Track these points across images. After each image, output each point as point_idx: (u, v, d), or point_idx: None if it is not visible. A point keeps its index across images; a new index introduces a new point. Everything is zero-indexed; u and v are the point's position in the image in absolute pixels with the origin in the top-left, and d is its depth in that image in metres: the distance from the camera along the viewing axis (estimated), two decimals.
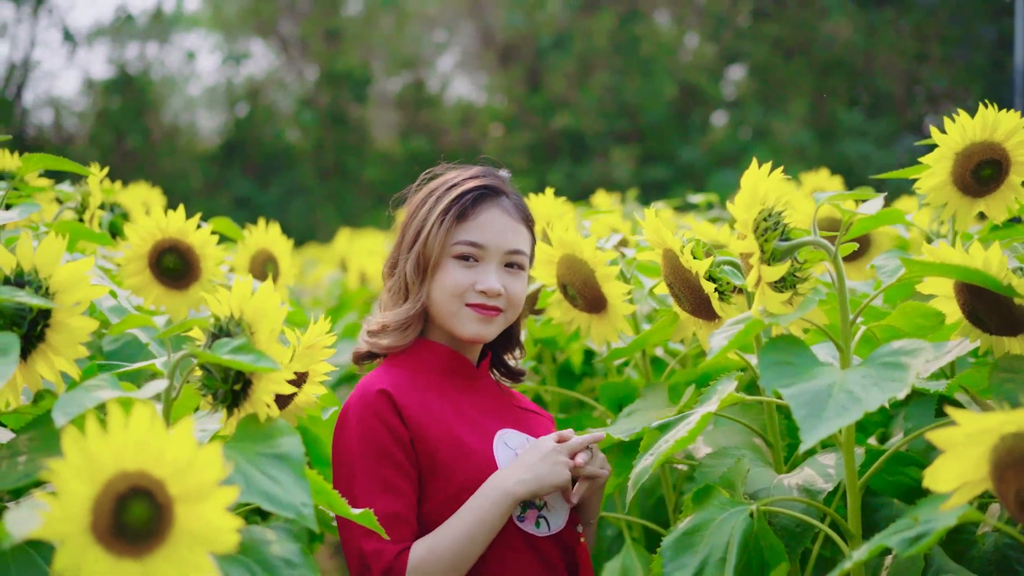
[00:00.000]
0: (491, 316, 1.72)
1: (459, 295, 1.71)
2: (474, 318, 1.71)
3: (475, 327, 1.72)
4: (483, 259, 1.72)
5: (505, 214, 1.75)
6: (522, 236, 1.76)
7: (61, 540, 0.93)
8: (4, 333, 1.24)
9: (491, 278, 1.71)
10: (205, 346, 1.33)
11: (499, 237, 1.73)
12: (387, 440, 1.64)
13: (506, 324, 1.76)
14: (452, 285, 1.71)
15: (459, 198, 1.73)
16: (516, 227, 1.75)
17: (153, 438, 0.97)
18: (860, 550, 1.18)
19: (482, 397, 1.77)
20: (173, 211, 2.02)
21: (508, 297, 1.73)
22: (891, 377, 1.28)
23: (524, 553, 1.65)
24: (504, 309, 1.73)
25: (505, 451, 1.70)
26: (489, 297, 1.71)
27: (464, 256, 1.72)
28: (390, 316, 1.75)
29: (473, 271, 1.72)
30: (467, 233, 1.72)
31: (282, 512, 1.21)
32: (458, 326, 1.72)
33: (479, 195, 1.74)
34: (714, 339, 1.37)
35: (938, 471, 1.10)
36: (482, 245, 1.72)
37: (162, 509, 0.98)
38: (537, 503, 1.67)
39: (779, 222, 1.42)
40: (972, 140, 1.68)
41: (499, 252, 1.73)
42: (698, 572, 1.37)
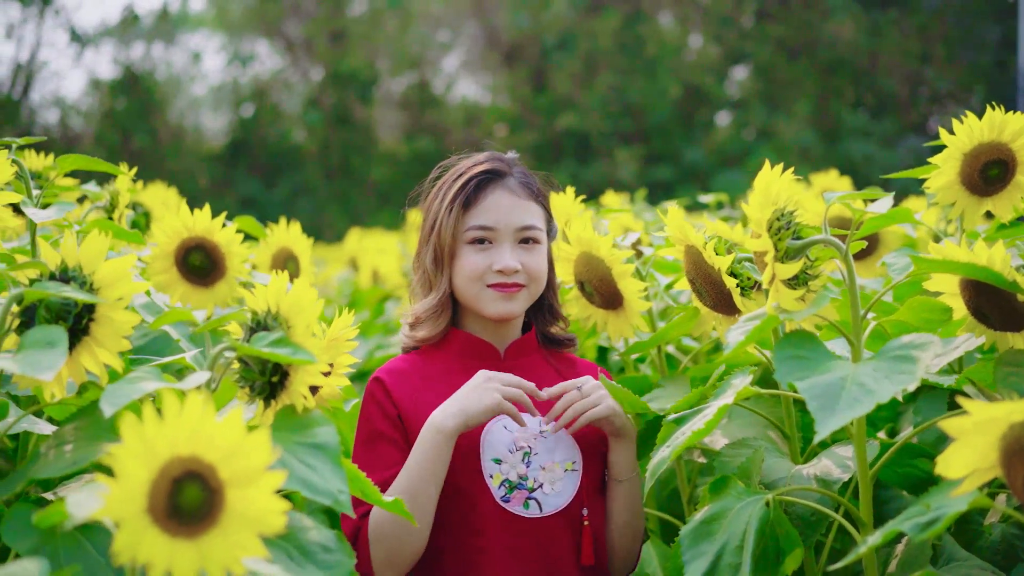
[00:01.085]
0: (512, 292, 1.79)
1: (478, 278, 1.78)
2: (496, 297, 1.78)
3: (499, 306, 1.79)
4: (496, 240, 1.79)
5: (511, 194, 1.81)
6: (532, 212, 1.82)
7: (120, 521, 0.98)
8: (52, 327, 1.29)
9: (505, 257, 1.77)
10: (243, 340, 1.38)
11: (507, 216, 1.79)
12: (379, 419, 1.77)
13: (531, 298, 1.82)
14: (470, 270, 1.78)
15: (464, 186, 1.81)
16: (524, 204, 1.81)
17: (205, 425, 1.02)
18: (874, 535, 1.23)
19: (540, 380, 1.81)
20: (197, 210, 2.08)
21: (527, 272, 1.79)
22: (901, 370, 1.33)
23: (505, 536, 1.70)
24: (526, 284, 1.80)
25: (502, 435, 1.75)
26: (507, 275, 1.77)
27: (477, 240, 1.79)
28: (419, 307, 1.85)
29: (488, 253, 1.79)
30: (476, 218, 1.79)
31: (319, 499, 1.26)
32: (483, 307, 1.80)
33: (482, 180, 1.81)
34: (731, 335, 1.43)
35: (950, 459, 1.15)
36: (492, 227, 1.79)
37: (214, 492, 1.03)
38: (529, 484, 1.72)
39: (791, 221, 1.47)
40: (979, 141, 1.73)
41: (510, 230, 1.79)
42: (716, 559, 1.42)
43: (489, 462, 1.73)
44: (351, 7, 18.28)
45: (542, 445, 1.75)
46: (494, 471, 1.73)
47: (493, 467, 1.73)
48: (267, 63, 18.79)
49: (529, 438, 1.76)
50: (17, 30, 16.65)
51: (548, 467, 1.74)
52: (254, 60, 18.41)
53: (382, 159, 16.72)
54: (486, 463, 1.73)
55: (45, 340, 1.28)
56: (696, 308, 1.86)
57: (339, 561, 1.28)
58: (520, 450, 1.75)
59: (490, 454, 1.73)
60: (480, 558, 1.71)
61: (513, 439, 1.75)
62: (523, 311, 1.83)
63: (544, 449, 1.75)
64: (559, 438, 1.76)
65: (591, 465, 1.78)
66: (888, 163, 14.20)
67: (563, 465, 1.75)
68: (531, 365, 1.86)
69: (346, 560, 1.28)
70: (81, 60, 20.67)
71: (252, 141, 16.80)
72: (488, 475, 1.72)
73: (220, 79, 19.34)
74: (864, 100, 15.97)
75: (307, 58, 18.13)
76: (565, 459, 1.76)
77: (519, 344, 1.86)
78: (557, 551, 1.73)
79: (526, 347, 1.87)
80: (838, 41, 15.78)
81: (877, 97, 15.85)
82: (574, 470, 1.75)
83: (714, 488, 1.49)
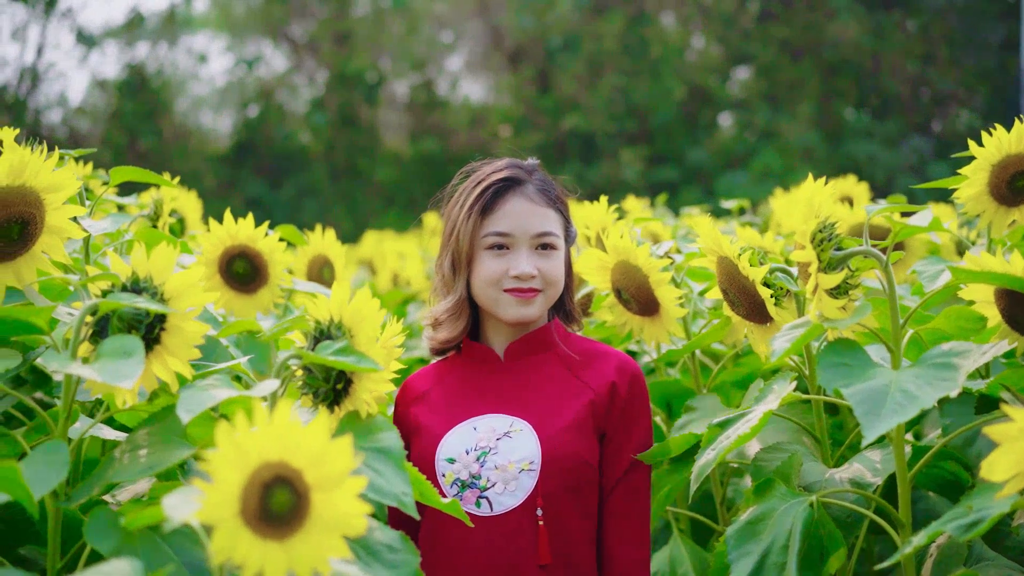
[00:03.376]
0: (529, 298, 1.83)
1: (495, 283, 1.83)
2: (513, 302, 1.83)
3: (516, 310, 1.83)
4: (513, 246, 1.84)
5: (528, 201, 1.85)
6: (549, 218, 1.86)
7: (215, 524, 1.04)
8: (128, 336, 1.35)
9: (522, 263, 1.82)
10: (307, 348, 1.43)
11: (524, 223, 1.84)
12: (396, 423, 1.90)
13: (548, 302, 1.86)
14: (487, 275, 1.84)
15: (482, 193, 1.86)
16: (541, 211, 1.85)
17: (292, 432, 1.07)
18: (919, 536, 1.29)
19: (509, 380, 1.86)
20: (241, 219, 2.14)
21: (543, 277, 1.84)
22: (943, 377, 1.39)
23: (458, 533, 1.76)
24: (542, 289, 1.84)
25: (468, 435, 1.80)
26: (523, 280, 1.82)
27: (495, 246, 1.84)
28: (437, 309, 1.91)
29: (505, 259, 1.83)
30: (493, 225, 1.84)
31: (386, 501, 1.32)
32: (500, 312, 1.85)
33: (500, 187, 1.86)
34: (776, 342, 1.48)
35: (994, 463, 1.20)
36: (509, 233, 1.83)
37: (300, 497, 1.08)
38: (481, 483, 1.76)
39: (833, 234, 1.52)
40: (1008, 153, 1.78)
41: (526, 237, 1.83)
42: (762, 559, 1.47)
43: (443, 462, 1.80)
44: (355, 8, 18.32)
45: (505, 445, 1.78)
46: (447, 470, 1.79)
47: (446, 466, 1.79)
48: (272, 64, 18.84)
49: (492, 438, 1.79)
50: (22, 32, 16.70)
51: (502, 467, 1.76)
52: (259, 62, 18.46)
53: (387, 160, 16.76)
54: (439, 463, 1.80)
55: (122, 350, 1.33)
56: (728, 317, 1.92)
57: (405, 560, 1.33)
58: (479, 449, 1.78)
59: (445, 454, 1.80)
60: (441, 554, 1.78)
61: (477, 439, 1.80)
62: (540, 315, 1.86)
63: (506, 449, 1.78)
64: (524, 439, 1.78)
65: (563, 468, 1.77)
66: (891, 163, 14.25)
67: (519, 465, 1.76)
68: (537, 364, 1.88)
69: (412, 559, 1.34)
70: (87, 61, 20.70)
71: (258, 142, 16.85)
72: (440, 474, 1.79)
73: (225, 80, 19.39)
74: (867, 101, 16.01)
75: (312, 59, 18.18)
76: (523, 459, 1.76)
77: (520, 344, 1.89)
78: (513, 549, 1.75)
79: (531, 346, 1.89)
80: (841, 42, 15.82)
81: (880, 98, 15.89)
82: (530, 470, 1.76)
83: (758, 490, 1.54)
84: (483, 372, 1.89)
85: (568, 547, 1.78)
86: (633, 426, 1.84)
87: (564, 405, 1.83)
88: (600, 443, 1.83)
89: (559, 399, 1.83)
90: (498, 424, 1.81)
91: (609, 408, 1.83)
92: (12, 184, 1.51)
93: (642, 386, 1.87)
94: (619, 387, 1.83)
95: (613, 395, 1.83)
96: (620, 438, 1.83)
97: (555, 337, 1.89)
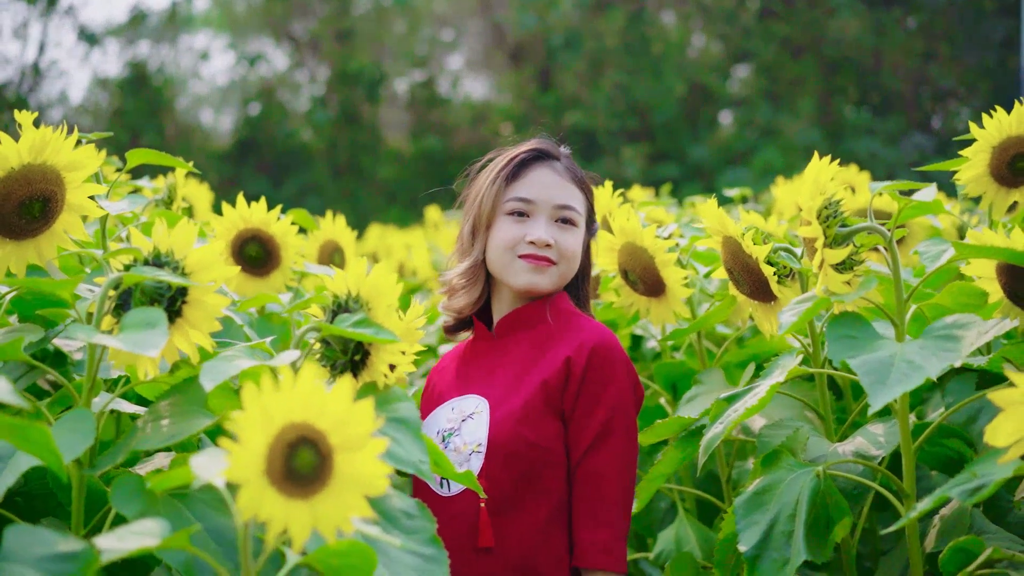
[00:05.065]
0: (543, 266, 1.80)
1: (511, 248, 1.82)
2: (526, 268, 1.81)
3: (526, 277, 1.81)
4: (533, 213, 1.83)
5: (555, 173, 1.86)
6: (573, 194, 1.85)
7: (242, 483, 1.07)
8: (151, 308, 1.38)
9: (539, 229, 1.81)
10: (325, 321, 1.47)
11: (547, 192, 1.83)
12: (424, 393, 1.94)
13: (561, 278, 1.83)
14: (504, 239, 1.82)
15: (511, 162, 1.87)
16: (567, 185, 1.85)
17: (317, 395, 1.10)
18: (924, 501, 1.32)
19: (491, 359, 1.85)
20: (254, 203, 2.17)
21: (559, 250, 1.81)
22: (946, 348, 1.42)
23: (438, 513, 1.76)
24: (556, 261, 1.81)
25: (441, 416, 1.82)
26: (538, 247, 1.80)
27: (517, 212, 1.83)
28: (452, 273, 1.90)
29: (524, 225, 1.83)
30: (517, 191, 1.84)
31: (404, 468, 1.35)
32: (511, 277, 1.83)
33: (528, 157, 1.87)
34: (783, 316, 1.51)
35: (997, 428, 1.23)
36: (531, 200, 1.83)
37: (324, 457, 1.11)
38: None
39: (839, 210, 1.56)
40: (1008, 134, 1.82)
41: (548, 206, 1.83)
42: (769, 528, 1.50)
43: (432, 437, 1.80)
44: (357, 6, 18.35)
45: (466, 426, 1.77)
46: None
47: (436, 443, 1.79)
48: (274, 62, 18.87)
49: (458, 419, 1.79)
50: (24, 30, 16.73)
51: (458, 449, 1.76)
52: (261, 60, 18.48)
53: (389, 158, 16.80)
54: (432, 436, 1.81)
55: (145, 321, 1.36)
56: (733, 296, 1.95)
57: (422, 527, 1.36)
58: (447, 431, 1.79)
59: (427, 433, 1.79)
60: None
61: (448, 419, 1.81)
62: (551, 288, 1.82)
63: (466, 431, 1.77)
64: (481, 421, 1.76)
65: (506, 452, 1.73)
66: (892, 160, 14.28)
67: (471, 447, 1.75)
68: (518, 341, 1.83)
69: (428, 525, 1.37)
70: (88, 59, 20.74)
71: (259, 140, 16.88)
72: None
73: (227, 78, 19.42)
74: (868, 98, 16.04)
75: (313, 57, 18.21)
76: (474, 441, 1.75)
77: (509, 319, 1.86)
78: (462, 531, 1.73)
79: (519, 321, 1.85)
80: (842, 39, 15.85)
81: (881, 95, 15.92)
82: (479, 452, 1.74)
83: (765, 462, 1.58)
84: (478, 349, 1.89)
85: (519, 531, 1.72)
86: (594, 405, 1.74)
87: (521, 385, 1.78)
88: (564, 423, 1.76)
89: (518, 378, 1.79)
90: (467, 405, 1.80)
91: (564, 387, 1.75)
92: (34, 162, 1.54)
93: (604, 360, 1.76)
94: (574, 364, 1.75)
95: (568, 373, 1.75)
96: (580, 418, 1.75)
97: (545, 313, 1.83)
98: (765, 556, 1.47)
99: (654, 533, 2.37)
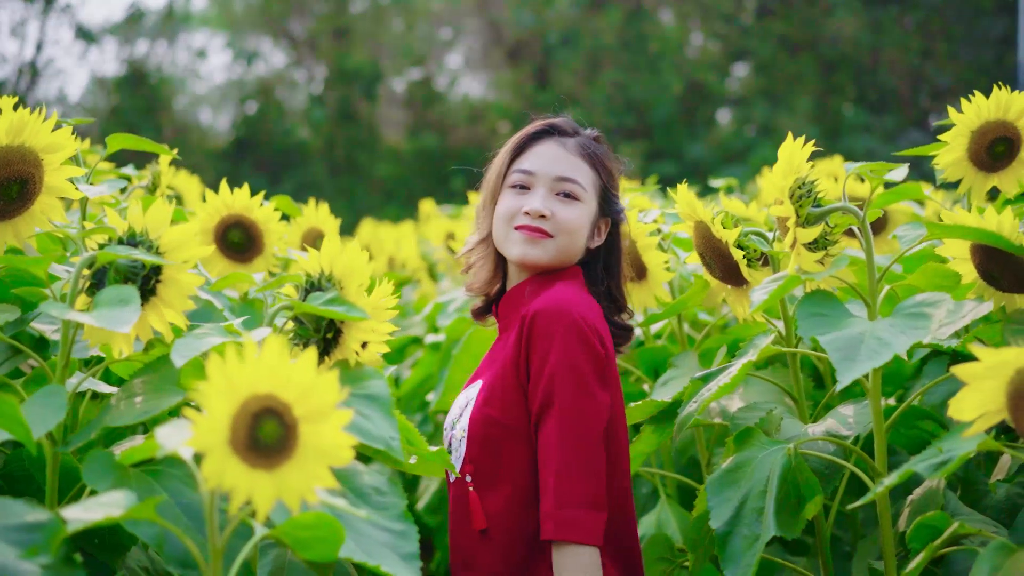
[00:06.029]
0: (536, 237, 1.77)
1: (509, 219, 1.80)
2: (520, 239, 1.78)
3: (520, 247, 1.78)
4: (533, 185, 1.81)
5: (561, 147, 1.82)
6: (578, 168, 1.81)
7: (206, 451, 1.08)
8: (124, 286, 1.39)
9: (535, 200, 1.78)
10: (299, 300, 1.47)
11: (548, 164, 1.81)
12: None
13: (559, 251, 1.77)
14: (503, 210, 1.81)
15: (521, 136, 1.87)
16: (571, 159, 1.81)
17: (281, 366, 1.11)
18: (890, 476, 1.33)
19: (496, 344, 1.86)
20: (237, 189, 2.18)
21: (556, 222, 1.77)
22: (915, 325, 1.43)
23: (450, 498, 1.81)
24: (553, 234, 1.77)
25: (456, 405, 1.83)
26: (532, 218, 1.77)
27: (517, 185, 1.82)
28: (465, 250, 1.91)
29: (524, 197, 1.81)
30: (520, 163, 1.84)
31: (373, 444, 1.36)
32: (508, 248, 1.81)
33: (539, 132, 1.86)
34: (755, 294, 1.52)
35: (961, 402, 1.24)
36: (532, 171, 1.81)
37: (289, 428, 1.12)
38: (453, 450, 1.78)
39: (812, 190, 1.57)
40: (987, 119, 1.82)
41: (548, 178, 1.79)
42: (741, 505, 1.51)
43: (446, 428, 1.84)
44: (354, 4, 18.35)
45: (465, 413, 1.78)
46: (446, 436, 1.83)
47: (447, 432, 1.83)
48: (271, 60, 18.87)
49: (462, 405, 1.81)
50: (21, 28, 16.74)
51: (455, 436, 1.78)
52: (258, 58, 18.49)
53: (386, 156, 16.79)
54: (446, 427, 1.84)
55: (118, 298, 1.37)
56: (707, 280, 1.96)
57: (393, 503, 1.37)
58: (454, 418, 1.81)
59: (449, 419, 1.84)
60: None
61: (458, 406, 1.82)
62: (549, 262, 1.78)
63: (463, 417, 1.78)
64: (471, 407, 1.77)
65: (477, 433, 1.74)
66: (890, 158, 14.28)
67: (462, 433, 1.76)
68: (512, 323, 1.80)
69: (399, 502, 1.38)
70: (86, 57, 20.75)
71: (257, 138, 16.89)
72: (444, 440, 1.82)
73: (225, 76, 19.44)
74: (865, 96, 16.04)
75: (311, 55, 18.21)
76: (463, 427, 1.77)
77: (506, 299, 1.84)
78: (461, 513, 1.76)
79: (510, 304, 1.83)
80: (839, 38, 15.85)
81: (878, 93, 15.92)
82: (464, 437, 1.76)
83: (738, 440, 1.59)
84: (497, 334, 1.90)
85: (504, 511, 1.72)
86: (538, 375, 1.69)
87: (502, 366, 1.77)
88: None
89: (502, 361, 1.77)
90: (471, 392, 1.82)
91: (516, 360, 1.73)
92: (12, 143, 1.55)
93: (545, 326, 1.69)
94: (521, 334, 1.72)
95: (517, 345, 1.72)
96: (531, 389, 1.71)
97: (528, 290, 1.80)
98: (736, 533, 1.48)
99: (637, 518, 2.37)
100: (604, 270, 1.85)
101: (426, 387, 3.23)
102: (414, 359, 3.57)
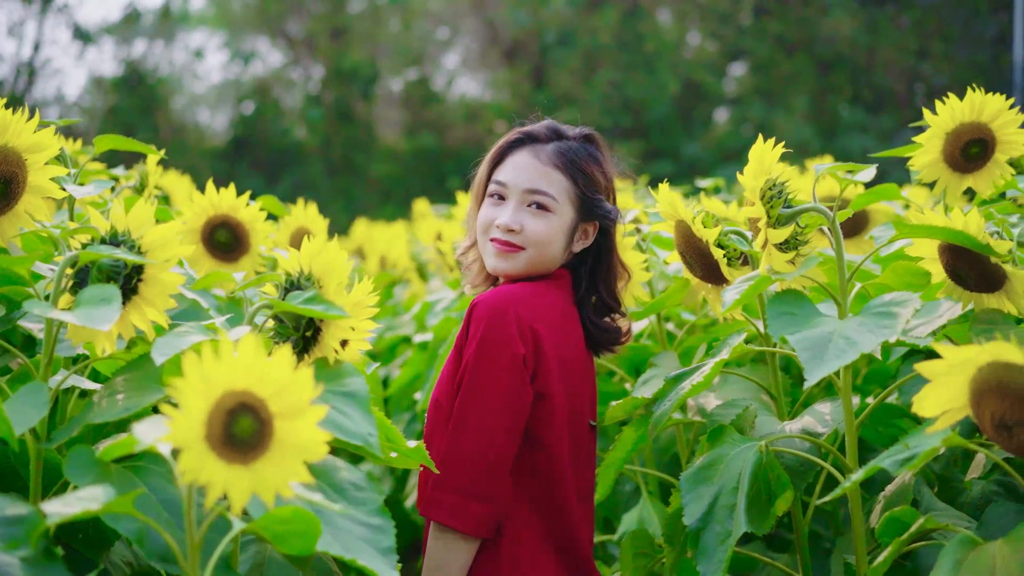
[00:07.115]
0: (507, 251, 1.83)
1: (485, 230, 1.87)
2: (493, 251, 1.85)
3: (493, 260, 1.85)
4: (507, 197, 1.86)
5: (533, 157, 1.86)
6: (550, 179, 1.83)
7: (182, 447, 1.10)
8: (106, 285, 1.41)
9: (506, 214, 1.83)
10: (279, 299, 1.50)
11: (520, 176, 1.84)
12: None
13: (530, 263, 1.82)
14: (481, 221, 1.88)
15: (500, 144, 1.92)
16: (543, 170, 1.84)
17: (257, 363, 1.14)
18: (857, 472, 1.36)
19: None
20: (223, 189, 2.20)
21: (525, 235, 1.81)
22: (883, 324, 1.45)
23: None
24: (523, 246, 1.82)
25: None
26: (503, 232, 1.83)
27: (494, 195, 1.87)
28: (459, 252, 2.00)
29: (498, 208, 1.86)
30: (497, 174, 1.89)
31: (351, 440, 1.38)
32: (485, 258, 1.89)
33: (515, 141, 1.90)
34: (727, 294, 1.55)
35: (924, 399, 1.27)
36: (504, 183, 1.86)
37: (264, 424, 1.15)
38: None
39: (783, 191, 1.59)
40: (961, 121, 1.85)
41: (518, 191, 1.84)
42: (713, 501, 1.54)
43: None
44: (351, 4, 18.38)
45: None
46: None
47: None
48: (268, 60, 18.89)
49: None
50: (19, 28, 16.76)
51: None
52: (255, 57, 18.51)
53: (383, 155, 16.83)
54: None
55: (100, 297, 1.39)
56: (687, 279, 1.99)
57: (370, 498, 1.40)
58: None
59: None
60: None
61: None
62: (520, 273, 1.83)
63: None
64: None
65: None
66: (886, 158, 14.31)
67: None
68: None
69: (376, 497, 1.40)
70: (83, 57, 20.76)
71: (254, 138, 16.92)
72: None
73: (222, 76, 19.45)
74: (862, 96, 16.07)
75: (308, 55, 18.24)
76: None
77: None
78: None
79: None
80: (836, 37, 15.89)
81: (875, 93, 15.96)
82: None
83: (711, 437, 1.61)
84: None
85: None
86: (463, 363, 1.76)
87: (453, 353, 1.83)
88: None
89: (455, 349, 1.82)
90: None
91: (460, 346, 1.80)
92: None
93: (477, 316, 1.76)
94: (466, 323, 1.78)
95: (462, 333, 1.79)
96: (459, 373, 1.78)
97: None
98: (708, 529, 1.51)
99: (619, 515, 2.41)
100: (590, 272, 1.89)
101: (415, 386, 3.26)
102: (404, 358, 3.59)
